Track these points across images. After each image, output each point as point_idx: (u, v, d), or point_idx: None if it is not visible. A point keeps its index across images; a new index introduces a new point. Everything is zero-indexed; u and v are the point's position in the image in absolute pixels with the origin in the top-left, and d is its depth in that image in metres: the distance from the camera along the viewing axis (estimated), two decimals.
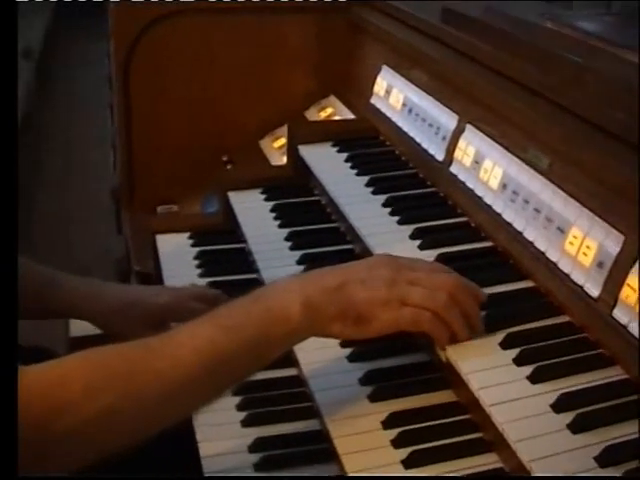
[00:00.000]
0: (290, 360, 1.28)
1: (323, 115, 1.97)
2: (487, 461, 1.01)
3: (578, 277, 1.11)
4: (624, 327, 1.01)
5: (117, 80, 1.97)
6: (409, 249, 1.32)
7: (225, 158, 2.01)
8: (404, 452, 1.03)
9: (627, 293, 1.02)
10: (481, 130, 1.41)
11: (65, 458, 0.95)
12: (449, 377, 1.13)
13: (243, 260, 1.65)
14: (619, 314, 1.03)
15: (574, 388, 0.98)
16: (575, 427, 0.92)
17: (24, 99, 5.17)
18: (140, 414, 0.98)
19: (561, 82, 1.27)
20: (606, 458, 0.88)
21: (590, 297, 1.08)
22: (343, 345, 1.22)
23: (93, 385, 0.95)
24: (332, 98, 2.02)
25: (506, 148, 1.33)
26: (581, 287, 1.10)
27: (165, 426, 1.01)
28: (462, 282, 1.10)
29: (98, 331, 1.55)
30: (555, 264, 1.16)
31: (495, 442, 1.01)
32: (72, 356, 0.97)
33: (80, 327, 1.68)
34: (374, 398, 1.13)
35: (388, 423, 1.08)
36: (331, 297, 1.05)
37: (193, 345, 1.00)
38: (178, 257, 1.70)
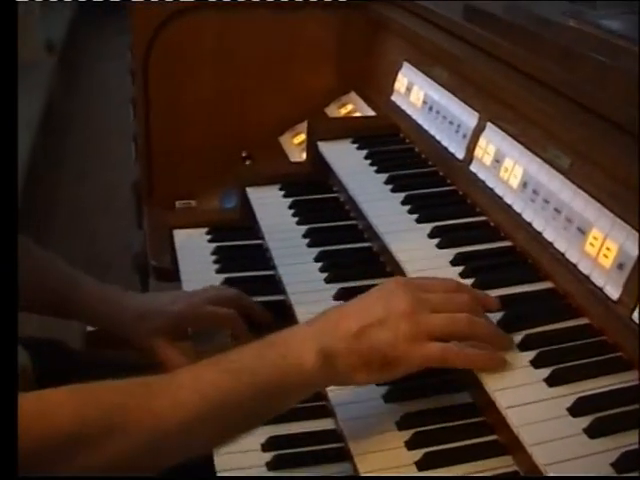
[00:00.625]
0: None
1: (343, 112, 1.96)
2: (502, 464, 1.00)
3: (598, 279, 1.10)
4: None
5: (136, 75, 1.97)
6: (427, 247, 1.31)
7: (244, 154, 2.01)
8: (418, 453, 1.02)
9: None
10: (502, 128, 1.39)
11: None
12: (464, 378, 1.12)
13: (261, 256, 1.64)
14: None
15: (592, 392, 0.97)
16: (592, 432, 0.91)
17: (46, 92, 5.20)
18: (131, 454, 0.93)
19: (583, 81, 1.26)
20: (623, 464, 0.86)
21: (610, 299, 1.06)
22: None
23: (86, 415, 0.91)
24: (352, 95, 2.01)
25: (527, 147, 1.31)
26: (601, 289, 1.09)
27: (162, 467, 0.98)
28: (476, 298, 1.07)
29: None
30: (575, 265, 1.14)
31: (510, 445, 1.00)
32: (60, 388, 0.94)
33: None
34: (388, 398, 1.12)
35: (402, 424, 1.07)
36: (351, 345, 1.00)
37: (195, 387, 0.97)
38: (195, 253, 1.69)
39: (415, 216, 1.41)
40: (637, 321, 1.01)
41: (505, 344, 1.05)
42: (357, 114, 1.92)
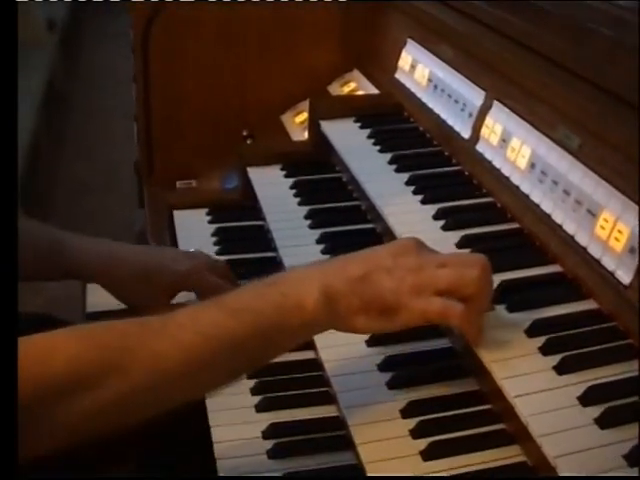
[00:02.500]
0: (308, 343, 1.24)
1: (346, 90, 1.92)
2: (510, 454, 0.98)
3: (609, 263, 1.06)
4: None
5: (136, 53, 1.92)
6: (432, 229, 1.28)
7: (245, 133, 1.97)
8: (423, 442, 0.99)
9: None
10: (509, 107, 1.35)
11: (48, 432, 0.89)
12: (471, 365, 1.09)
13: (262, 237, 1.60)
14: None
15: (603, 380, 0.94)
16: (603, 422, 0.88)
17: (48, 70, 5.16)
18: (130, 394, 0.91)
19: (594, 58, 1.22)
20: (636, 456, 0.83)
21: (621, 284, 1.03)
22: None
23: (85, 354, 0.89)
24: (355, 72, 1.96)
25: (535, 126, 1.27)
26: (612, 273, 1.05)
27: (162, 409, 0.95)
28: (488, 267, 1.03)
29: (115, 306, 1.51)
30: (584, 249, 1.11)
31: (518, 434, 0.97)
32: (60, 330, 0.92)
33: (97, 302, 1.66)
34: (393, 385, 1.09)
35: (407, 412, 1.04)
36: (354, 287, 0.98)
37: (195, 327, 0.94)
38: (195, 233, 1.66)
39: (420, 197, 1.38)
40: None
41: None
42: (360, 92, 1.88)
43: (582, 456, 0.85)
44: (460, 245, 1.22)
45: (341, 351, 1.16)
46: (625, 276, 1.03)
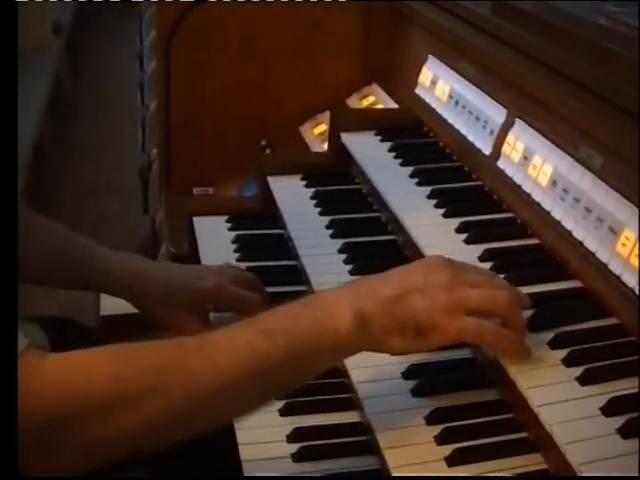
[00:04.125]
0: None
1: (365, 103, 1.95)
2: (531, 461, 1.00)
3: (629, 279, 1.10)
4: None
5: (158, 60, 1.96)
6: (455, 243, 1.31)
7: (264, 142, 2.00)
8: (447, 449, 1.02)
9: None
10: (531, 125, 1.39)
11: (81, 451, 0.91)
12: (493, 375, 1.12)
13: (282, 246, 1.64)
14: None
15: (624, 392, 0.97)
16: (625, 432, 0.91)
17: (54, 74, 5.19)
18: (166, 415, 0.93)
19: (615, 78, 1.25)
20: None
21: None
22: None
23: (120, 376, 0.91)
24: (374, 86, 2.00)
25: (557, 145, 1.31)
26: (632, 290, 1.09)
27: (192, 433, 0.97)
28: (516, 290, 1.07)
29: (130, 310, 1.53)
30: (605, 265, 1.14)
31: (540, 443, 1.00)
32: (97, 348, 0.93)
33: (112, 305, 1.68)
34: (417, 393, 1.12)
35: (431, 419, 1.07)
36: (387, 309, 0.99)
37: (231, 349, 0.96)
38: (216, 240, 1.69)
39: (442, 210, 1.41)
40: None
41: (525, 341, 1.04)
42: (379, 106, 1.92)
43: (606, 464, 0.88)
44: (482, 259, 1.26)
45: (366, 359, 1.18)
46: None
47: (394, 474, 1.01)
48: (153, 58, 4.71)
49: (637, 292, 1.08)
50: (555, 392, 0.98)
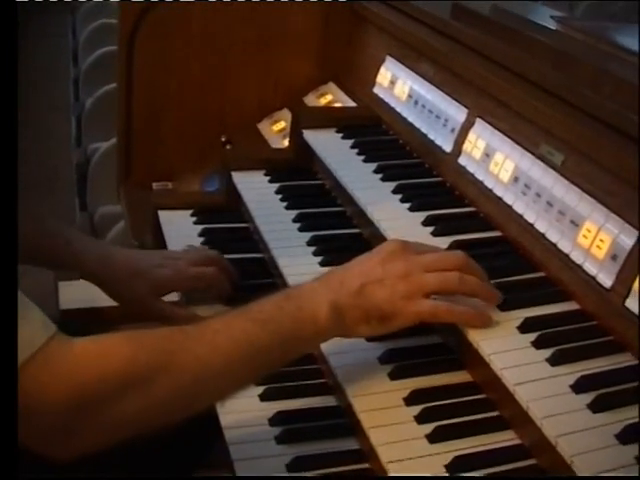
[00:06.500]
0: None
1: (323, 101, 2.01)
2: (506, 437, 1.08)
3: (591, 268, 1.18)
4: (637, 316, 1.09)
5: (120, 55, 1.98)
6: (423, 235, 1.37)
7: (224, 138, 2.04)
8: (428, 427, 1.08)
9: None
10: (492, 125, 1.47)
11: (96, 432, 0.97)
12: (464, 358, 1.19)
13: (248, 239, 1.69)
14: (632, 304, 1.10)
15: (591, 371, 1.05)
16: (595, 407, 0.99)
17: None
18: (175, 394, 1.01)
19: (574, 81, 1.34)
20: (626, 436, 0.95)
21: (603, 287, 1.15)
22: None
23: (139, 357, 0.99)
24: (331, 85, 2.06)
25: (518, 143, 1.39)
26: (593, 277, 1.17)
27: (192, 412, 1.05)
28: (467, 258, 1.17)
29: (89, 304, 1.61)
30: (567, 255, 1.22)
31: (514, 420, 1.08)
32: (112, 333, 1.03)
33: (71, 299, 1.70)
34: (394, 376, 1.18)
35: (410, 400, 1.13)
36: (354, 301, 1.11)
37: (229, 334, 1.05)
38: (182, 233, 1.72)
39: (407, 205, 1.48)
40: (630, 308, 1.10)
41: (495, 299, 1.16)
42: (337, 104, 1.98)
43: (579, 436, 0.96)
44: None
45: (343, 345, 1.24)
46: (607, 280, 1.14)
47: (379, 452, 1.07)
48: (89, 54, 4.69)
49: (599, 280, 1.16)
50: (528, 372, 1.06)
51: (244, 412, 1.23)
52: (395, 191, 1.53)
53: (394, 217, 1.45)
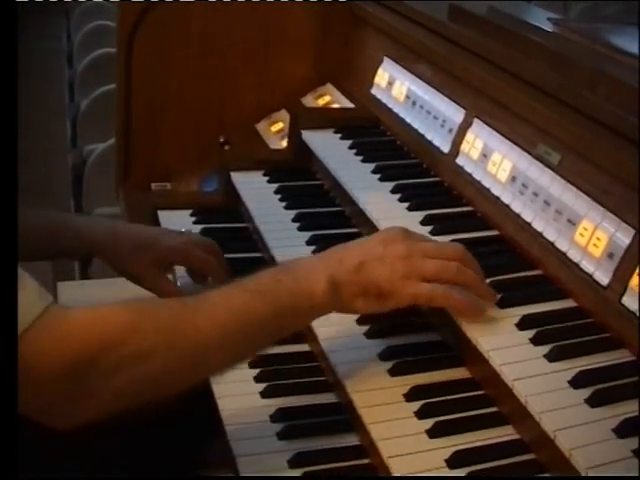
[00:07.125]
0: (301, 336, 1.35)
1: (321, 102, 2.02)
2: (505, 432, 1.10)
3: (587, 266, 1.20)
4: (633, 313, 1.10)
5: (119, 56, 1.99)
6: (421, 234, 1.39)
7: (222, 139, 2.05)
8: (428, 423, 1.10)
9: (637, 282, 1.11)
10: (489, 125, 1.48)
11: (97, 400, 0.97)
12: (464, 355, 1.21)
13: (247, 239, 1.70)
14: (628, 301, 1.11)
15: (589, 367, 1.07)
16: (593, 401, 1.01)
17: None
18: (175, 364, 1.03)
19: (571, 82, 1.35)
20: (624, 430, 0.96)
21: (599, 285, 1.17)
22: (360, 322, 1.29)
23: (140, 325, 1.00)
24: (329, 86, 2.07)
25: (515, 143, 1.41)
26: (590, 275, 1.19)
27: (190, 383, 1.07)
28: (466, 252, 1.19)
29: (87, 304, 1.60)
30: (564, 254, 1.24)
31: (513, 415, 1.09)
32: (112, 302, 1.01)
33: (67, 300, 1.72)
34: (394, 373, 1.20)
35: (410, 396, 1.15)
36: (353, 277, 1.13)
37: (227, 305, 1.07)
38: None
39: (406, 204, 1.49)
40: (627, 305, 1.11)
41: (489, 295, 1.18)
42: (335, 105, 1.99)
43: (577, 430, 0.98)
44: None
45: (343, 343, 1.27)
46: (603, 277, 1.16)
47: (379, 446, 1.08)
48: (84, 56, 4.69)
49: (595, 278, 1.18)
50: (526, 368, 1.08)
51: (245, 409, 1.25)
52: (393, 191, 1.54)
53: (393, 216, 1.46)
